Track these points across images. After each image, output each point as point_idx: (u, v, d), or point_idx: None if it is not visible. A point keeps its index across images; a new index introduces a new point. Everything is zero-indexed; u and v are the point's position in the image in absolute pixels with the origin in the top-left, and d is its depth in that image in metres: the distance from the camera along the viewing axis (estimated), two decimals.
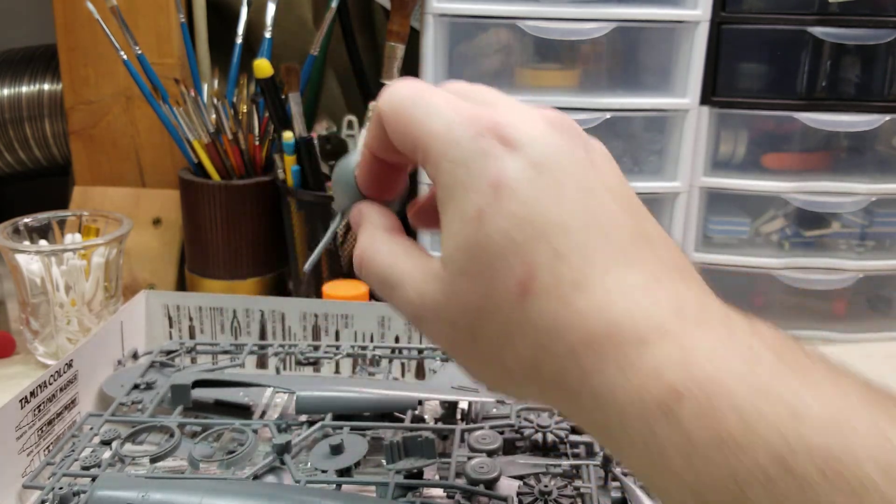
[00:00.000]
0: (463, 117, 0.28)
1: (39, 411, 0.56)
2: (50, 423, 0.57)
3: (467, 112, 0.28)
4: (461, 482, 0.49)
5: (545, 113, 0.29)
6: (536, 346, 0.27)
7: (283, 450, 0.53)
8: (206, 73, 0.98)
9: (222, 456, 0.54)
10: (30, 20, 1.17)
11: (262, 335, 0.73)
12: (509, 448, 0.56)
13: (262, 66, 0.83)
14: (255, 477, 0.51)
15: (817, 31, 0.85)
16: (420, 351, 0.70)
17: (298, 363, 0.68)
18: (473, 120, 0.28)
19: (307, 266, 0.41)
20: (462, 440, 0.54)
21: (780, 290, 0.92)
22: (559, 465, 0.51)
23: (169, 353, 0.70)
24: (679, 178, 0.89)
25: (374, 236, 0.34)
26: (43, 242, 0.83)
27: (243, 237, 0.90)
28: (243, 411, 0.62)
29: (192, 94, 0.86)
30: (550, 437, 0.54)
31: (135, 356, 0.71)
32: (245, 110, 0.89)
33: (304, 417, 0.59)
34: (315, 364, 0.69)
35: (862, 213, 0.91)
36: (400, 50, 0.85)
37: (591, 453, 0.54)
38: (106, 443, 0.55)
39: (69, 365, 0.60)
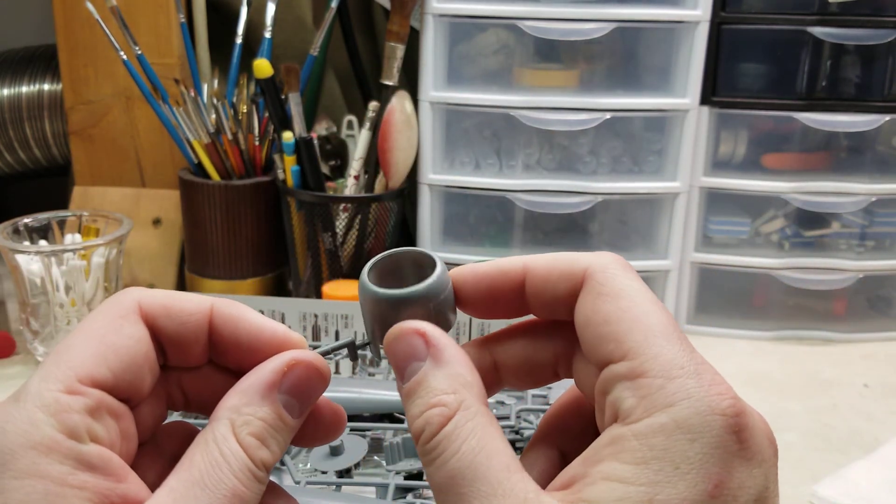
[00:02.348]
0: (705, 381, 0.23)
1: None
2: None
3: (709, 377, 0.23)
4: None
5: (765, 421, 0.25)
6: None
7: None
8: (206, 73, 0.98)
9: None
10: (30, 20, 1.17)
11: None
12: None
13: (262, 66, 0.83)
14: None
15: (817, 31, 0.85)
16: None
17: None
18: (721, 395, 0.23)
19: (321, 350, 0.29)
20: None
21: (780, 290, 0.92)
22: None
23: None
24: (679, 178, 0.89)
25: (476, 413, 0.25)
26: (43, 243, 0.83)
27: (243, 237, 0.90)
28: None
29: (192, 94, 0.86)
30: None
31: None
32: (245, 110, 0.89)
33: None
34: None
35: (862, 213, 0.91)
36: (400, 50, 0.85)
37: None
38: None
39: None
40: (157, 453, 0.27)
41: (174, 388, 0.28)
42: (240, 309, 0.27)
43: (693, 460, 0.22)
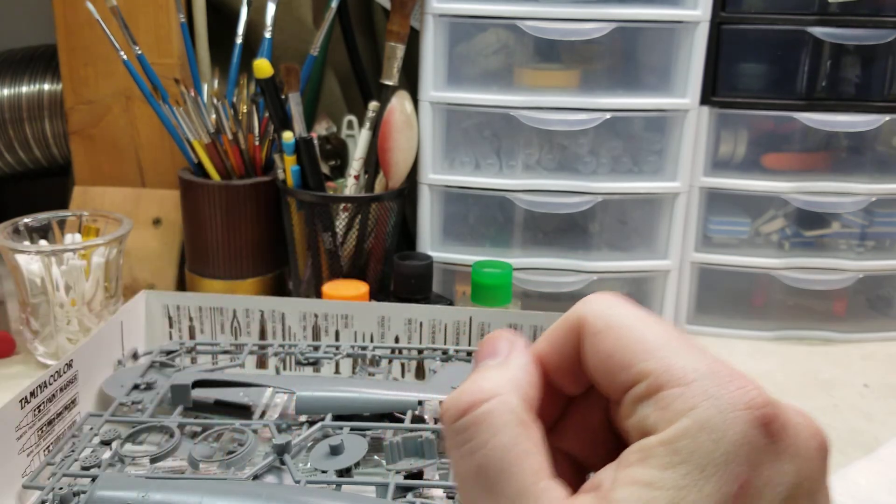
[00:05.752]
0: (723, 378, 0.23)
1: (39, 411, 0.56)
2: (50, 423, 0.57)
3: (726, 373, 0.23)
4: None
5: (806, 416, 0.25)
6: None
7: (282, 450, 0.53)
8: (206, 73, 0.98)
9: (222, 456, 0.54)
10: (30, 20, 1.17)
11: (262, 335, 0.73)
12: None
13: (262, 66, 0.83)
14: (255, 477, 0.51)
15: (817, 31, 0.85)
16: (420, 351, 0.70)
17: (298, 363, 0.68)
18: (743, 389, 0.23)
19: None
20: None
21: (780, 290, 0.92)
22: None
23: (169, 353, 0.70)
24: (679, 178, 0.89)
25: (514, 410, 0.24)
26: (43, 242, 0.83)
27: (243, 237, 0.90)
28: (243, 411, 0.63)
29: (192, 94, 0.86)
30: None
31: (135, 356, 0.71)
32: (245, 110, 0.89)
33: (303, 417, 0.59)
34: (315, 364, 0.69)
35: (862, 213, 0.91)
36: (400, 50, 0.85)
37: None
38: (106, 443, 0.55)
39: (69, 365, 0.60)
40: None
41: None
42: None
43: (718, 461, 0.22)
